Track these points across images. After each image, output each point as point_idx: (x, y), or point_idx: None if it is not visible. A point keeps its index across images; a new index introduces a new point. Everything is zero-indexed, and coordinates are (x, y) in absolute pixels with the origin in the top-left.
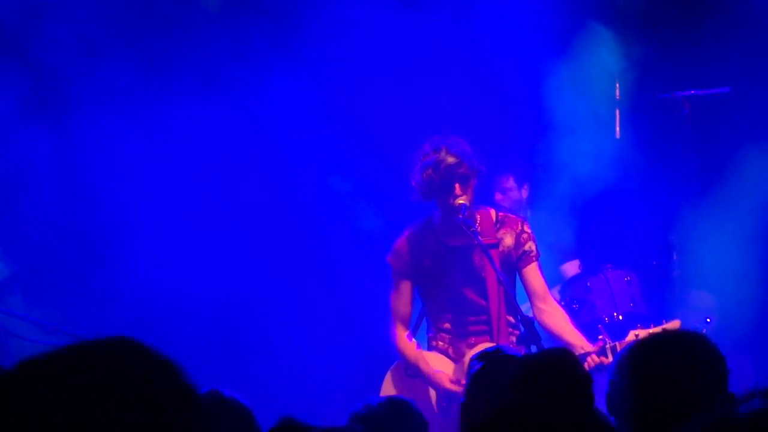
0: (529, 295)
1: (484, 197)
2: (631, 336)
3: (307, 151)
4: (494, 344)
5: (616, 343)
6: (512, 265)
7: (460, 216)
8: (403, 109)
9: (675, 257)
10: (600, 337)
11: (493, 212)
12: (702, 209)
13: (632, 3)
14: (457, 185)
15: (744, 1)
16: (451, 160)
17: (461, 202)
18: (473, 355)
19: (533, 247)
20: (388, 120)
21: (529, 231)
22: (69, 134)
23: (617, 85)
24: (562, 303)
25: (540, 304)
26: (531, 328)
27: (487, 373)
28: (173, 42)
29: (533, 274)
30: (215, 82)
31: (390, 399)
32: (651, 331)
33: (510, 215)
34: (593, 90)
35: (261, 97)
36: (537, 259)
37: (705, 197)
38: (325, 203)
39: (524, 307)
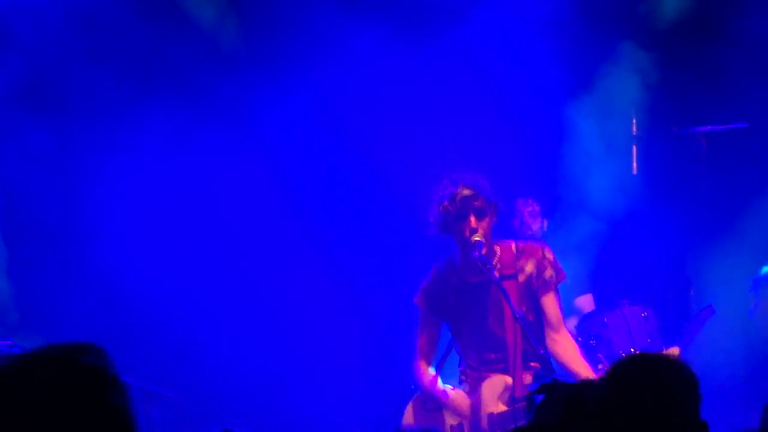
0: (544, 324)
1: (502, 228)
2: None
3: (313, 180)
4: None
5: None
6: (533, 293)
7: (477, 253)
8: (419, 141)
9: (692, 293)
10: (600, 366)
11: (513, 244)
12: (719, 244)
13: (651, 38)
14: (472, 217)
15: (762, 38)
16: (466, 192)
17: (477, 238)
18: (530, 388)
19: (553, 274)
20: (403, 152)
21: (550, 257)
22: (63, 138)
23: (634, 120)
24: (579, 339)
25: (553, 334)
26: (547, 365)
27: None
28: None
29: (549, 303)
30: (211, 94)
31: (423, 429)
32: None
33: (530, 243)
34: (611, 125)
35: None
36: (555, 288)
37: (722, 233)
38: (334, 231)
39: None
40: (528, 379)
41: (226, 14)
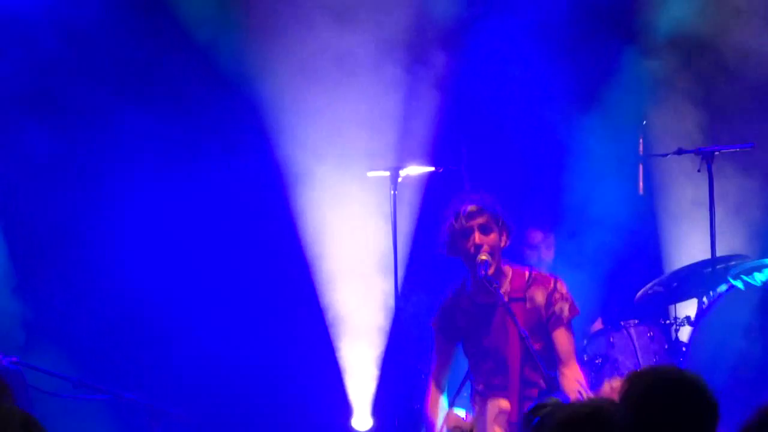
0: (556, 357)
1: (514, 255)
2: (606, 387)
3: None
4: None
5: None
6: (542, 323)
7: (482, 272)
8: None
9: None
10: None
11: (527, 271)
12: (728, 266)
13: (657, 59)
14: (476, 233)
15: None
16: (471, 208)
17: (483, 258)
18: (528, 410)
19: (565, 309)
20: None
21: (563, 291)
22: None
23: (641, 140)
24: (585, 357)
25: (563, 369)
26: (553, 384)
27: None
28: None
29: (561, 338)
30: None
31: None
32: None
33: (543, 273)
34: (618, 146)
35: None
36: (566, 323)
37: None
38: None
39: None
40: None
41: (225, 30)
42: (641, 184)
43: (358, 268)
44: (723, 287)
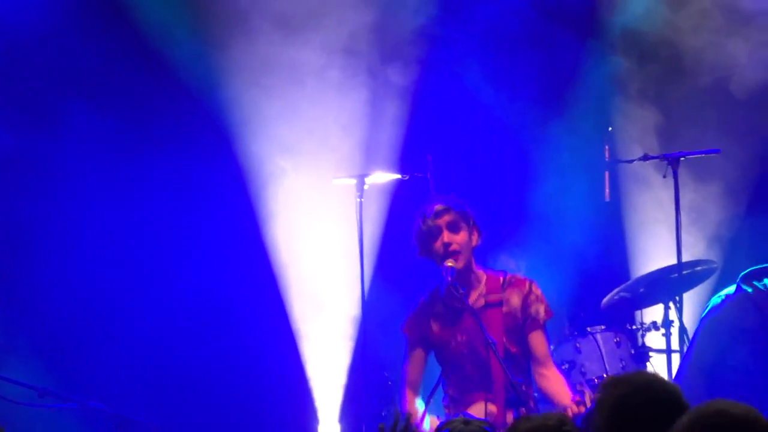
0: (531, 360)
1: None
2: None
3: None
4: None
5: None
6: (518, 326)
7: (449, 278)
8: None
9: (668, 318)
10: (579, 387)
11: (502, 276)
12: (694, 271)
13: (619, 65)
14: (445, 232)
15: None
16: (438, 207)
17: (449, 264)
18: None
19: (541, 311)
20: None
21: (538, 293)
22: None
23: (606, 147)
24: None
25: (541, 370)
26: (519, 391)
27: None
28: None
29: (537, 340)
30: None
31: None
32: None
33: (518, 276)
34: (583, 153)
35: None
36: (542, 325)
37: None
38: None
39: None
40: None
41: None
42: (607, 190)
43: (324, 276)
44: (731, 289)
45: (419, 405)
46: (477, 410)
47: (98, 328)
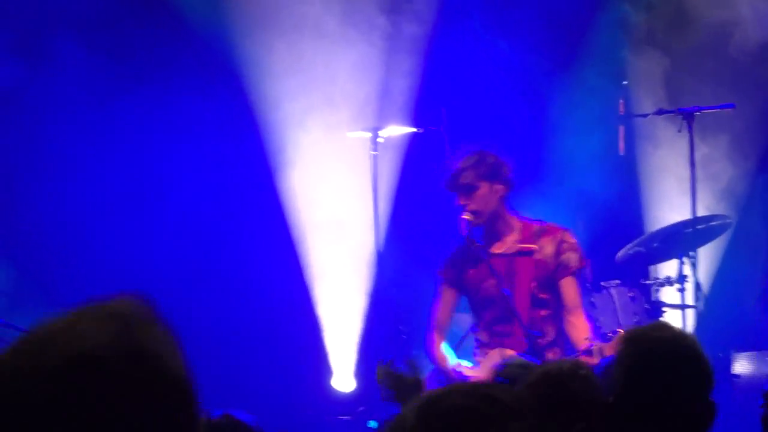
0: (562, 306)
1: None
2: (615, 337)
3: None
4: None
5: (602, 344)
6: (550, 274)
7: (465, 231)
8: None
9: (682, 274)
10: (585, 338)
11: (537, 223)
12: (709, 226)
13: (635, 18)
14: (459, 195)
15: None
16: (453, 169)
17: (465, 217)
18: (497, 369)
19: (573, 259)
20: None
21: (571, 241)
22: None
23: (621, 101)
24: None
25: (569, 317)
26: (533, 343)
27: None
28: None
29: (566, 287)
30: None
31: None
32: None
33: (553, 225)
34: (598, 106)
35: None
36: (573, 273)
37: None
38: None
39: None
40: (511, 353)
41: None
42: (622, 144)
43: (339, 229)
44: None
45: (445, 348)
46: (500, 353)
47: (101, 274)
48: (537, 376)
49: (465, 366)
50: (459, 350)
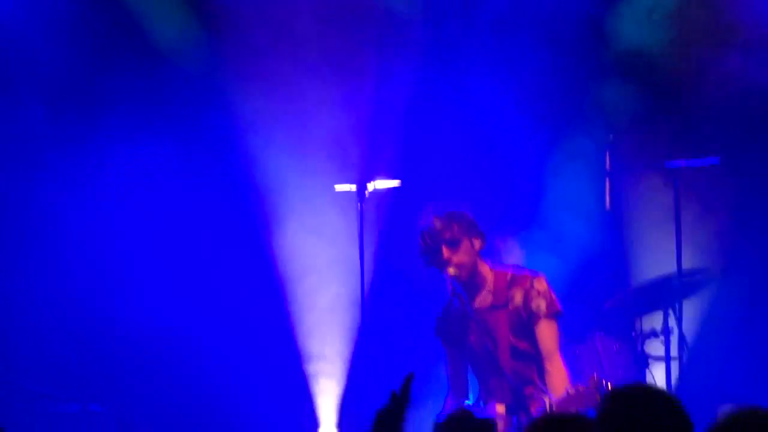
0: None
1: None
2: (564, 394)
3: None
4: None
5: (554, 401)
6: (523, 323)
7: (450, 287)
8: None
9: (668, 326)
10: (563, 386)
11: (510, 272)
12: (694, 279)
13: (623, 75)
14: (444, 249)
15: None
16: (436, 224)
17: (450, 272)
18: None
19: (542, 306)
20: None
21: (540, 288)
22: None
23: (607, 155)
24: None
25: (545, 365)
26: (519, 396)
27: None
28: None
29: (540, 333)
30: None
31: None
32: (579, 386)
33: (524, 272)
34: (584, 161)
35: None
36: (547, 317)
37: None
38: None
39: None
40: (501, 408)
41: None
42: (608, 198)
43: (325, 281)
44: None
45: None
46: (492, 410)
47: (88, 323)
48: (546, 421)
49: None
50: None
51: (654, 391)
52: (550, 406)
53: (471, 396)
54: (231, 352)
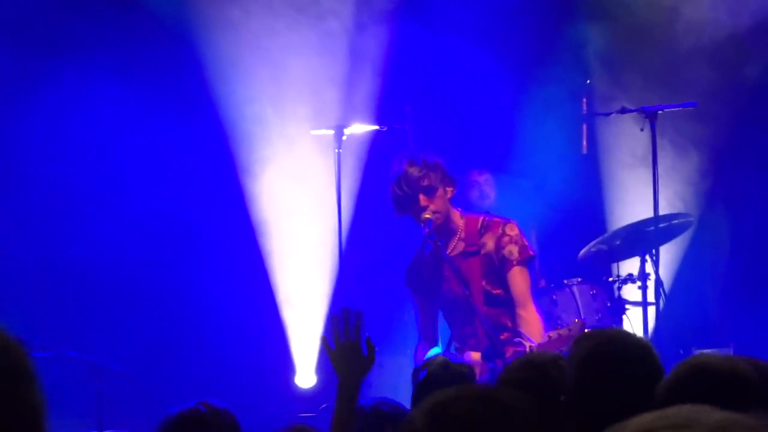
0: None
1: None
2: (545, 338)
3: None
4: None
5: (534, 346)
6: (496, 269)
7: (426, 230)
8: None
9: (644, 271)
10: (516, 339)
11: (481, 218)
12: (670, 224)
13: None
14: (421, 196)
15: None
16: (413, 172)
17: (426, 216)
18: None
19: (514, 251)
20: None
21: (512, 233)
22: None
23: (584, 100)
24: None
25: (518, 310)
26: (494, 341)
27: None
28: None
29: (512, 279)
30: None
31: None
32: (561, 330)
33: (495, 219)
34: (562, 104)
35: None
36: (519, 264)
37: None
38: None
39: None
40: (476, 356)
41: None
42: (585, 143)
43: (302, 226)
44: None
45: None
46: (467, 358)
47: (71, 276)
48: (522, 363)
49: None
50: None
51: (624, 334)
52: (531, 351)
53: (440, 344)
54: (207, 297)
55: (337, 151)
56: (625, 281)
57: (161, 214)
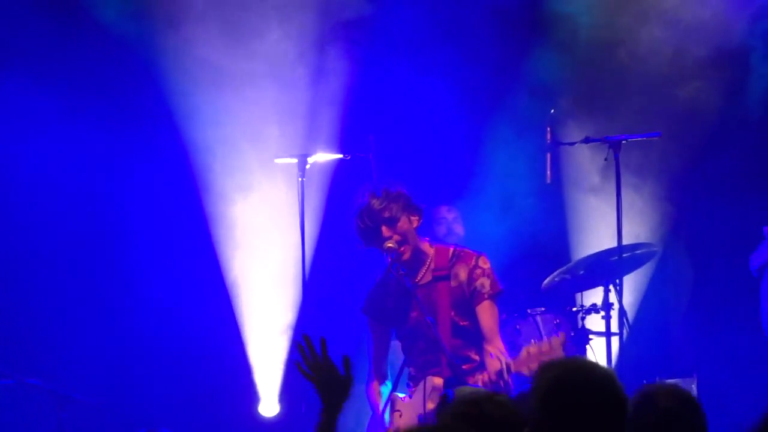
0: (480, 333)
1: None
2: (523, 352)
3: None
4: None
5: (511, 361)
6: (466, 300)
7: (389, 259)
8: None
9: (608, 301)
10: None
11: (451, 249)
12: (634, 254)
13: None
14: (383, 228)
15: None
16: (374, 204)
17: (389, 245)
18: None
19: (486, 285)
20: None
21: (484, 266)
22: None
23: (548, 129)
24: None
25: (485, 344)
26: (456, 371)
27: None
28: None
29: (482, 313)
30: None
31: None
32: (540, 344)
33: (467, 250)
34: (526, 134)
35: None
36: (490, 298)
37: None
38: None
39: None
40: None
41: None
42: (549, 172)
43: (266, 254)
44: None
45: (384, 388)
46: (430, 382)
47: (35, 303)
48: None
49: (399, 397)
50: (399, 379)
51: (589, 364)
52: (508, 366)
53: (390, 379)
54: (170, 326)
55: (300, 179)
56: (588, 311)
57: (123, 241)
